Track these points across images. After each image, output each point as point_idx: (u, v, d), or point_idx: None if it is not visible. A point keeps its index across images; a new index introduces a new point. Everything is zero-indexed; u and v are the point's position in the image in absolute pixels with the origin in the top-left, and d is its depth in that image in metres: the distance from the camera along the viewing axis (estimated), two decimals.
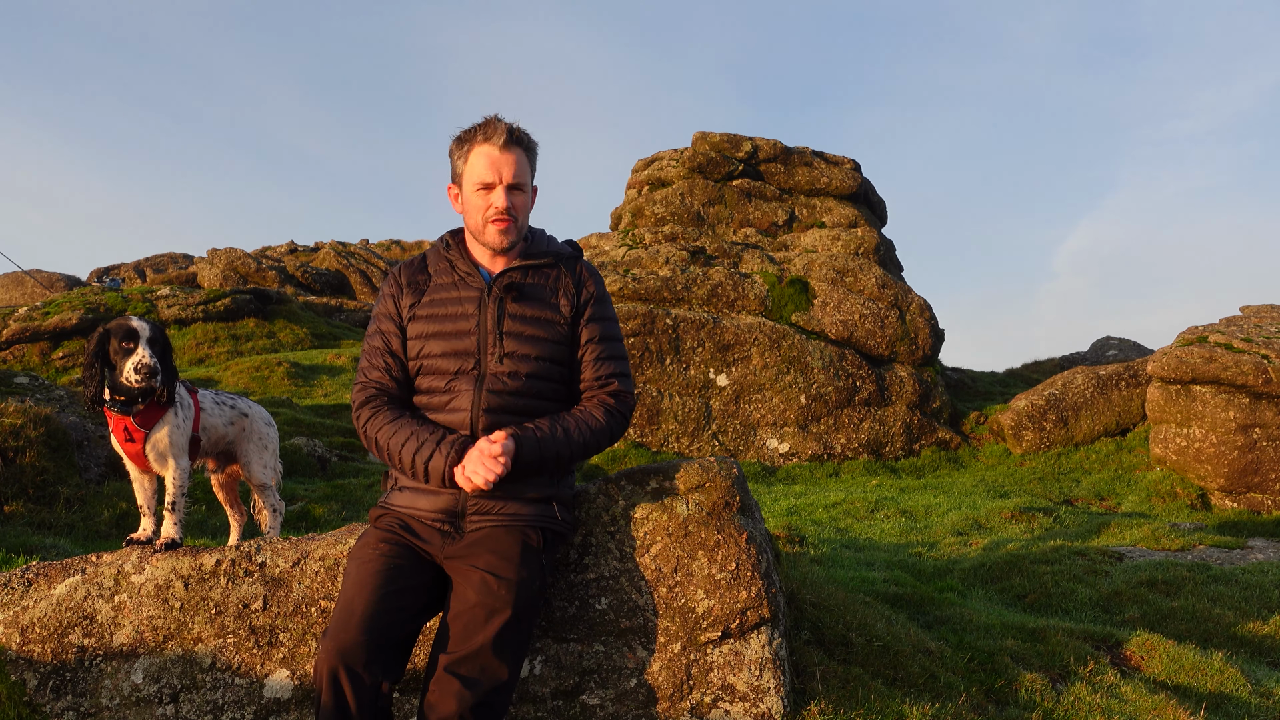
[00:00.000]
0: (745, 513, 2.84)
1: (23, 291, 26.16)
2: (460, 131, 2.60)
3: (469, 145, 2.58)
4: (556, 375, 2.63)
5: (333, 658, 2.27)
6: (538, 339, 2.58)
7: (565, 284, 2.66)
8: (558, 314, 2.61)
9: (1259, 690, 3.73)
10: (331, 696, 2.27)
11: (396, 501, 2.59)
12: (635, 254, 13.43)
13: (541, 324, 2.59)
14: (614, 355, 2.67)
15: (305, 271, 24.86)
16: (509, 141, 2.54)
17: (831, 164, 15.79)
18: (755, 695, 2.67)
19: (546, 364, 2.59)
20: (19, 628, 2.72)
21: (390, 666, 2.34)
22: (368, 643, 2.28)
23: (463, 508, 2.51)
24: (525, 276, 2.63)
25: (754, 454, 11.92)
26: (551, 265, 2.68)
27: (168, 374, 2.88)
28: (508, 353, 2.55)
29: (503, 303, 2.58)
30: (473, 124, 2.59)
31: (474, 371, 2.55)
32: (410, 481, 2.58)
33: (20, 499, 5.19)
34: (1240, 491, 9.32)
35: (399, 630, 2.37)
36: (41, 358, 16.06)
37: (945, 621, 4.11)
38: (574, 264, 2.72)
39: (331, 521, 6.20)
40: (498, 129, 2.54)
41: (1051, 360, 17.54)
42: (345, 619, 2.32)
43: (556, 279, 2.66)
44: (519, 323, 2.57)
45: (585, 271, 2.71)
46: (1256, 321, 10.66)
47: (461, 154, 2.59)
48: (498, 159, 2.53)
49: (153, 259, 35.29)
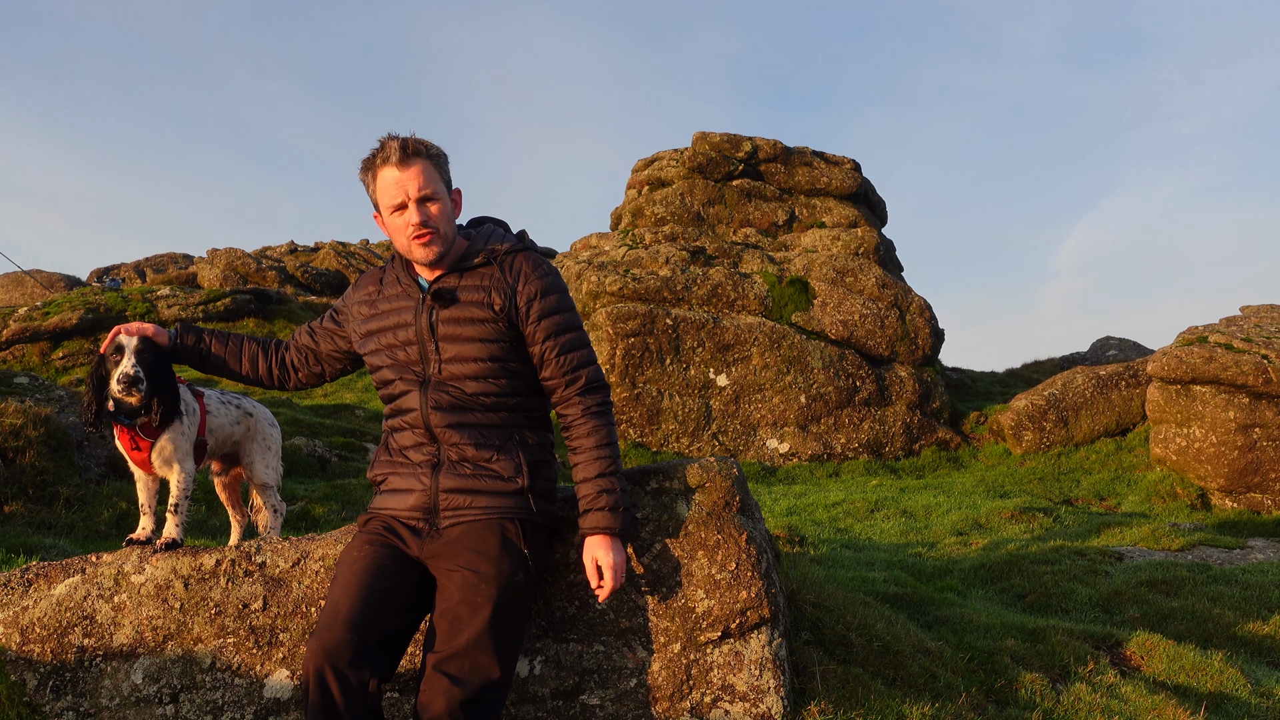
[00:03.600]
0: (745, 513, 2.84)
1: (23, 291, 26.15)
2: (362, 160, 2.59)
3: (372, 171, 2.56)
4: (506, 373, 2.59)
5: (318, 656, 2.29)
6: (474, 340, 2.56)
7: (498, 282, 2.59)
8: (491, 313, 2.57)
9: (1259, 690, 3.73)
10: (318, 695, 2.28)
11: (378, 504, 2.64)
12: (635, 254, 13.43)
13: (475, 325, 2.56)
14: (573, 346, 2.61)
15: (305, 271, 24.87)
16: (405, 156, 2.50)
17: (831, 164, 15.79)
18: (755, 695, 2.67)
19: (488, 364, 2.56)
20: (19, 628, 2.72)
21: (378, 664, 2.35)
22: (353, 640, 2.30)
23: (435, 504, 2.53)
24: (460, 280, 2.61)
25: (754, 454, 11.92)
26: (485, 264, 2.62)
27: (159, 386, 2.80)
28: (446, 358, 2.56)
29: (434, 311, 2.58)
30: (371, 149, 2.56)
31: (418, 377, 2.60)
32: (389, 484, 2.62)
33: (20, 499, 5.19)
34: (1240, 491, 9.32)
35: (385, 628, 2.38)
36: (41, 358, 16.06)
37: (945, 621, 4.11)
38: (510, 260, 2.64)
39: (331, 521, 6.20)
40: (392, 148, 2.51)
41: (1051, 360, 17.54)
42: (331, 619, 2.34)
43: (491, 279, 2.61)
44: (453, 326, 2.57)
45: (523, 265, 2.62)
46: (1256, 321, 10.66)
47: (369, 181, 2.59)
48: (401, 178, 2.51)
49: (153, 259, 35.28)
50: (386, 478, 2.64)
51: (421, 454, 2.58)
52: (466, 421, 2.55)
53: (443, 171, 2.59)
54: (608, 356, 11.97)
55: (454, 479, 2.52)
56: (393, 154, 2.51)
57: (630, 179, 16.33)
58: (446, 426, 2.55)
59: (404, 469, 2.60)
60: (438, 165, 2.57)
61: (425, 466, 2.56)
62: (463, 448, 2.54)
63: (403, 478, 2.59)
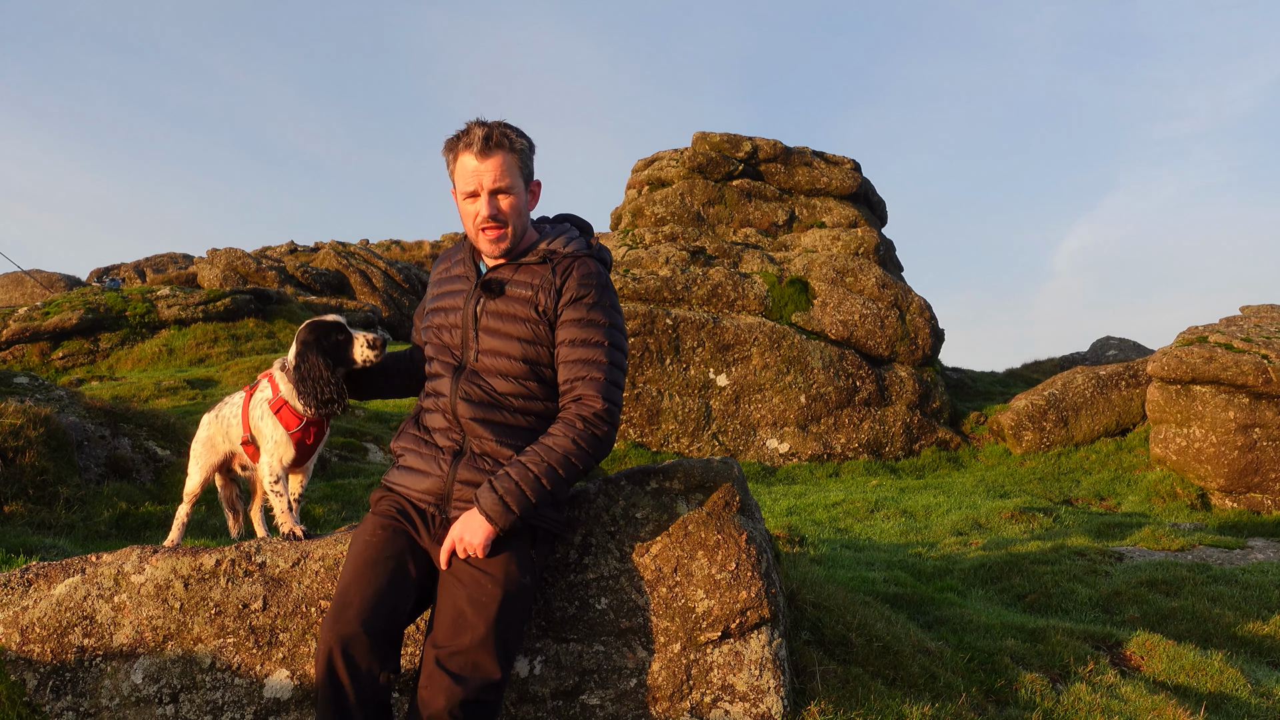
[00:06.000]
0: (745, 513, 2.84)
1: (23, 291, 26.15)
2: (446, 139, 2.57)
3: (454, 153, 2.54)
4: (538, 377, 2.55)
5: (332, 648, 2.30)
6: (512, 338, 2.53)
7: (548, 283, 2.54)
8: (534, 313, 2.53)
9: (1259, 690, 3.73)
10: (330, 687, 2.29)
11: (394, 479, 2.63)
12: (635, 254, 13.43)
13: (516, 322, 2.53)
14: (584, 359, 2.51)
15: (305, 271, 24.85)
16: (486, 147, 2.47)
17: (831, 164, 15.79)
18: (755, 695, 2.67)
19: (521, 364, 2.53)
20: (19, 628, 2.71)
21: (390, 656, 2.37)
22: (366, 631, 2.31)
23: (449, 492, 2.52)
24: (515, 274, 2.58)
25: (754, 454, 11.92)
26: (541, 262, 2.58)
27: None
28: (484, 349, 2.55)
29: (481, 300, 2.57)
30: (456, 130, 2.53)
31: (454, 362, 2.59)
32: (407, 460, 2.61)
33: (20, 499, 5.19)
34: (1240, 491, 9.32)
35: (397, 623, 2.40)
36: (41, 358, 16.06)
37: (945, 621, 4.11)
38: (567, 263, 2.58)
39: (331, 521, 6.21)
40: (475, 135, 2.48)
41: (1051, 360, 17.54)
42: (342, 610, 2.34)
43: (542, 278, 2.56)
44: (495, 320, 2.55)
45: (574, 270, 2.55)
46: (1256, 321, 10.66)
47: (450, 161, 2.57)
48: (478, 168, 2.48)
49: (153, 259, 35.27)
50: (405, 454, 2.63)
51: (448, 439, 2.57)
52: (494, 419, 2.53)
53: (524, 164, 2.55)
54: None
55: (472, 471, 2.51)
56: (475, 141, 2.47)
57: (630, 179, 16.33)
58: (472, 419, 2.53)
59: (427, 450, 2.59)
60: (520, 158, 2.53)
61: (448, 453, 2.55)
62: (486, 442, 2.52)
63: (423, 459, 2.58)
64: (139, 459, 6.32)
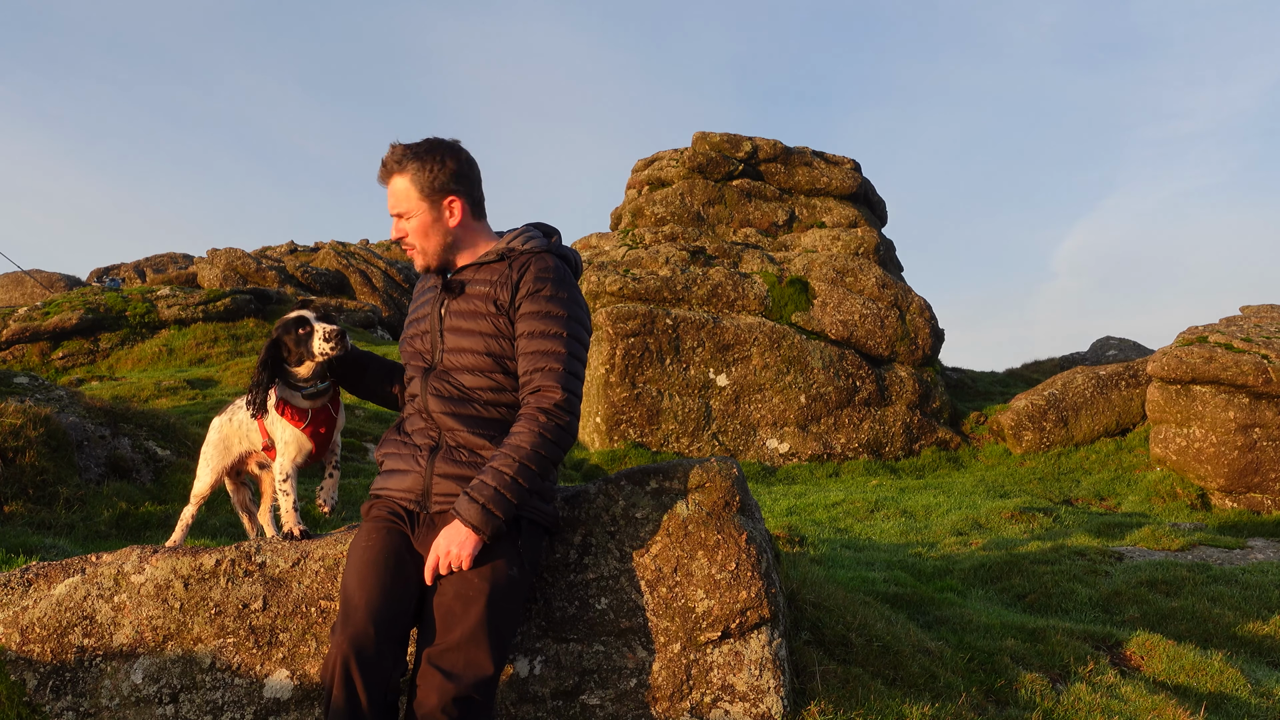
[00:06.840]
0: (745, 513, 2.84)
1: (23, 291, 26.15)
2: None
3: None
4: (503, 369, 2.57)
5: (346, 654, 2.30)
6: (475, 334, 2.57)
7: (505, 279, 2.57)
8: (493, 308, 2.56)
9: (1259, 690, 3.73)
10: (343, 692, 2.29)
11: (377, 485, 2.66)
12: (635, 254, 13.43)
13: (478, 318, 2.57)
14: (542, 350, 2.52)
15: (305, 271, 24.85)
16: (383, 173, 2.60)
17: (831, 164, 15.79)
18: (755, 695, 2.67)
19: (485, 359, 2.56)
20: (19, 628, 2.71)
21: (398, 658, 2.39)
22: (375, 630, 2.32)
23: (428, 487, 2.54)
24: (476, 273, 2.63)
25: (754, 454, 11.92)
26: (499, 260, 2.61)
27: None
28: (449, 348, 2.60)
29: (445, 302, 2.63)
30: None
31: (425, 365, 2.65)
32: (388, 464, 2.65)
33: (20, 499, 5.19)
34: (1240, 491, 9.32)
35: (403, 619, 2.41)
36: (41, 358, 16.06)
37: (945, 621, 4.11)
38: (524, 259, 2.60)
39: (331, 521, 6.21)
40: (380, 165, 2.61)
41: (1051, 360, 17.54)
42: (349, 612, 2.35)
43: (500, 274, 2.59)
44: (458, 318, 2.60)
45: (532, 264, 2.57)
46: (1256, 321, 10.66)
47: None
48: (387, 194, 2.61)
49: (153, 259, 35.28)
50: (387, 458, 2.67)
51: (425, 438, 2.60)
52: (465, 413, 2.56)
53: (425, 184, 2.56)
54: (608, 356, 11.97)
55: (449, 464, 2.53)
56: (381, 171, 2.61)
57: (630, 179, 16.33)
58: (444, 414, 2.57)
59: (405, 449, 2.63)
60: (414, 179, 2.56)
61: (425, 450, 2.58)
62: (460, 434, 2.55)
63: (402, 459, 2.61)
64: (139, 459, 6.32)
